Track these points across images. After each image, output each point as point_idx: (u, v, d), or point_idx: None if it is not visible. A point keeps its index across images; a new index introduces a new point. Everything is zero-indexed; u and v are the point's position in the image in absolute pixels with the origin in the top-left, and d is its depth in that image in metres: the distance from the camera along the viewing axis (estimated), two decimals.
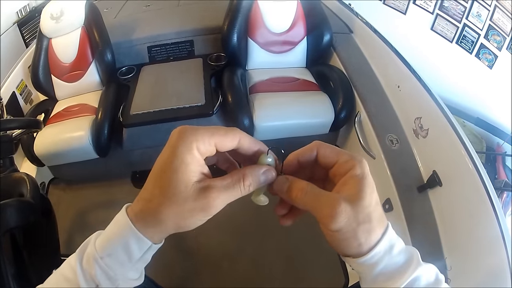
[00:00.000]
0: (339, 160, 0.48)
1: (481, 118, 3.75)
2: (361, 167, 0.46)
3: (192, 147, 0.43)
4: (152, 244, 0.46)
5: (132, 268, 0.46)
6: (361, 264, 0.46)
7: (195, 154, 0.43)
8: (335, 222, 0.43)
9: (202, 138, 0.44)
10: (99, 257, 0.44)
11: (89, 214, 2.44)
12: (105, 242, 0.45)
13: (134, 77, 2.71)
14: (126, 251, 0.44)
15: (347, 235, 0.44)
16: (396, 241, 0.47)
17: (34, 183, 1.48)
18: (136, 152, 2.47)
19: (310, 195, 0.46)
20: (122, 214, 0.46)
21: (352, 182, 0.45)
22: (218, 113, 2.38)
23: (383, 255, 0.45)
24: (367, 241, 0.45)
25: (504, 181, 3.21)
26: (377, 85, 2.30)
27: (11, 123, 1.75)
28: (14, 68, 2.61)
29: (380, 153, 1.95)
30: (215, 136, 0.45)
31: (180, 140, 0.43)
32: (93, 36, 2.57)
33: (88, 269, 0.44)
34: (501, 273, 1.25)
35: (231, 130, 0.47)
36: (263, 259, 2.09)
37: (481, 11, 3.50)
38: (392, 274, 0.45)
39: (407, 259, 0.46)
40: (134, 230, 0.44)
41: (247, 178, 0.46)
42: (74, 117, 2.41)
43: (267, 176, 0.47)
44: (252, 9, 2.55)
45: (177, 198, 0.43)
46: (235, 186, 0.45)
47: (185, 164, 0.43)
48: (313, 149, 0.49)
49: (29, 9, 3.64)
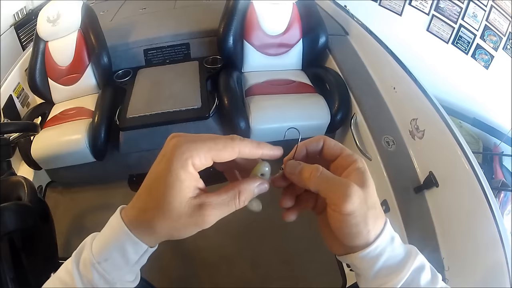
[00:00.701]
0: (342, 153, 0.50)
1: (478, 119, 3.77)
2: (362, 163, 0.48)
3: (188, 163, 0.42)
4: (148, 248, 0.46)
5: (129, 271, 0.47)
6: (363, 259, 0.47)
7: (190, 170, 0.43)
8: (349, 203, 0.43)
9: (198, 154, 0.43)
10: (96, 262, 0.44)
11: (87, 217, 2.43)
12: (101, 247, 0.45)
13: (130, 80, 2.71)
14: (123, 255, 0.45)
15: (358, 219, 0.44)
16: (395, 234, 0.49)
17: (31, 187, 1.49)
18: (133, 155, 2.46)
19: (323, 176, 0.47)
20: (117, 218, 0.45)
21: (355, 173, 0.47)
22: (214, 116, 2.39)
23: (385, 246, 0.46)
24: (375, 228, 0.46)
25: (501, 181, 3.22)
26: (373, 86, 2.30)
27: (9, 127, 1.74)
28: (11, 71, 2.60)
29: (376, 154, 1.96)
30: (212, 151, 0.44)
31: (175, 154, 0.42)
32: (89, 39, 2.57)
33: (86, 273, 0.44)
34: (499, 273, 1.25)
35: (230, 143, 0.45)
36: (261, 261, 2.09)
37: (477, 12, 3.52)
38: (394, 268, 0.46)
39: (407, 251, 0.48)
40: (130, 235, 0.44)
41: (242, 194, 0.46)
42: (71, 120, 2.40)
43: (260, 189, 0.48)
44: (248, 12, 2.56)
45: (171, 214, 0.43)
46: (230, 203, 0.46)
47: (180, 181, 0.42)
48: (319, 140, 0.52)
49: (25, 11, 3.63)
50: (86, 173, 2.52)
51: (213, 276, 2.05)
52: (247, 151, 0.47)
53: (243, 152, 0.47)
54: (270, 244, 2.14)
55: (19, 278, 1.29)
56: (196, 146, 0.43)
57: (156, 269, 1.42)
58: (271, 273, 2.03)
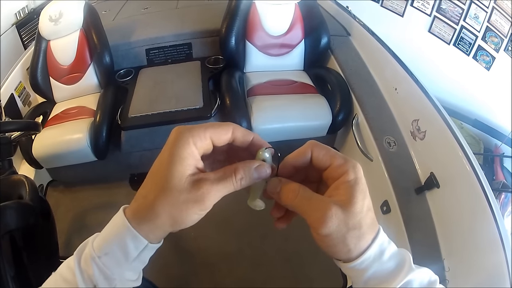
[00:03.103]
0: (332, 164, 0.47)
1: (479, 120, 3.76)
2: (355, 172, 0.46)
3: (189, 141, 0.44)
4: (148, 243, 0.46)
5: (129, 268, 0.46)
6: (350, 269, 0.46)
7: (191, 148, 0.45)
8: (325, 227, 0.43)
9: (198, 133, 0.45)
10: (97, 256, 0.44)
11: (88, 217, 2.44)
12: (102, 242, 0.46)
13: (132, 79, 2.71)
14: (123, 249, 0.45)
15: (336, 241, 0.44)
16: (388, 245, 0.47)
17: (33, 186, 1.49)
18: (134, 154, 2.47)
19: (301, 197, 0.46)
20: (119, 215, 0.46)
21: (344, 187, 0.45)
22: (216, 115, 2.39)
23: (372, 261, 0.45)
24: (357, 247, 0.45)
25: (502, 182, 3.22)
26: (375, 87, 2.31)
27: (11, 125, 1.74)
28: (13, 70, 2.60)
29: (377, 155, 1.96)
30: (209, 129, 0.46)
31: (177, 138, 0.45)
32: (91, 39, 2.57)
33: (86, 269, 0.45)
34: (500, 274, 1.25)
35: (224, 123, 0.48)
36: (261, 260, 2.09)
37: (479, 13, 3.51)
38: (383, 279, 0.45)
39: (398, 264, 0.46)
40: (130, 229, 0.45)
41: (239, 172, 0.46)
42: (72, 119, 2.41)
43: (260, 172, 0.47)
44: (250, 12, 2.56)
45: (171, 190, 0.43)
46: (227, 179, 0.45)
47: (181, 159, 0.44)
48: (307, 152, 0.49)
49: (27, 10, 3.64)
50: (88, 172, 2.53)
51: (214, 275, 2.05)
52: (240, 132, 0.49)
53: (237, 133, 0.49)
54: (271, 243, 2.14)
55: (20, 276, 1.29)
56: (195, 127, 0.46)
57: (157, 268, 1.42)
58: (272, 272, 2.03)
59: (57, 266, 0.47)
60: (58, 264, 0.48)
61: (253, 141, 0.50)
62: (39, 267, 1.38)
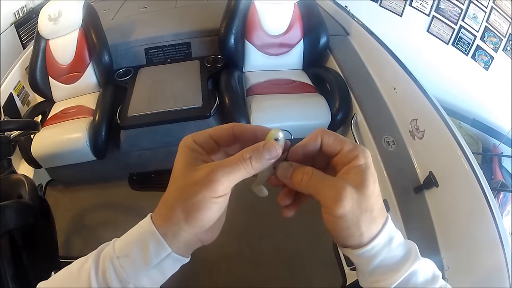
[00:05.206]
0: (343, 149, 0.47)
1: (477, 119, 3.77)
2: (365, 157, 0.46)
3: (190, 140, 0.47)
4: (171, 252, 0.45)
5: (146, 274, 0.45)
6: (359, 256, 0.46)
7: (194, 145, 0.47)
8: (340, 207, 0.42)
9: (198, 133, 0.48)
10: (116, 256, 0.44)
11: (87, 216, 2.44)
12: (124, 244, 0.46)
13: (131, 79, 2.71)
14: (143, 253, 0.44)
15: (350, 223, 0.43)
16: (395, 233, 0.47)
17: (32, 185, 1.49)
18: (133, 154, 2.46)
19: (315, 178, 0.45)
20: (146, 219, 0.47)
21: (355, 171, 0.45)
22: (215, 115, 2.39)
23: (382, 247, 0.45)
24: (369, 231, 0.44)
25: (500, 181, 3.23)
26: (374, 87, 2.31)
27: (9, 125, 1.74)
28: (12, 70, 2.60)
29: (376, 154, 1.96)
30: (209, 129, 0.49)
31: (181, 142, 0.48)
32: (90, 38, 2.57)
33: (102, 268, 0.44)
34: (499, 273, 1.26)
35: (225, 125, 0.50)
36: (260, 260, 2.09)
37: (477, 13, 3.52)
38: (390, 267, 0.45)
39: (406, 252, 0.46)
40: (154, 233, 0.44)
41: (247, 151, 0.45)
42: (71, 119, 2.40)
43: (270, 151, 0.45)
44: (249, 11, 2.56)
45: (183, 178, 0.44)
46: (236, 161, 0.44)
47: (187, 155, 0.46)
48: (317, 138, 0.48)
49: (26, 10, 3.63)
50: (87, 171, 2.53)
51: (213, 275, 2.05)
52: (241, 127, 0.49)
53: (237, 128, 0.49)
54: (270, 243, 2.14)
55: (19, 276, 1.29)
56: (196, 132, 0.49)
57: None
58: (271, 272, 2.03)
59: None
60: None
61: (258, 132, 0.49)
62: (38, 266, 1.38)
